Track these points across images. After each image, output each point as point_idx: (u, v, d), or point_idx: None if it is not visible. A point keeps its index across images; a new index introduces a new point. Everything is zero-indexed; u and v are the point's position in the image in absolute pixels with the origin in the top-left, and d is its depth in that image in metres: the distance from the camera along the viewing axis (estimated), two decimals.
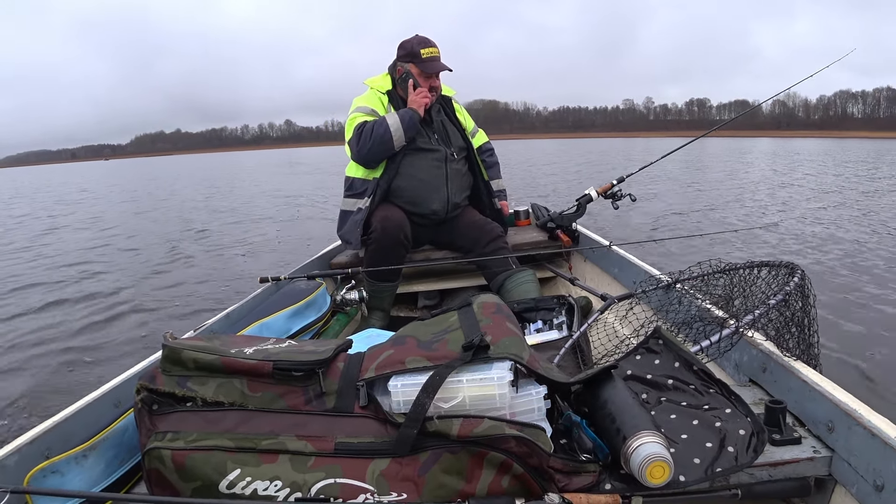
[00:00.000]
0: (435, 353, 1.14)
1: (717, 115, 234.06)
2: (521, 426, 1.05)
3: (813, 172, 19.13)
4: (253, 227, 10.44)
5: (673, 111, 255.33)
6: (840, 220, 8.54)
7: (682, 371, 1.40)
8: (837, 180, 15.87)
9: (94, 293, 5.93)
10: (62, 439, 1.27)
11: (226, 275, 6.52)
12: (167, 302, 5.50)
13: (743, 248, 6.62)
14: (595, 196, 3.11)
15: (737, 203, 10.96)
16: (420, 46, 2.79)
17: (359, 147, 2.69)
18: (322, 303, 2.45)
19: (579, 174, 20.33)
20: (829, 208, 9.93)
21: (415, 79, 2.78)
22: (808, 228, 7.86)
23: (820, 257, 6.15)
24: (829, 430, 1.20)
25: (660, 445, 1.01)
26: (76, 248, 8.99)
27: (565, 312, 2.24)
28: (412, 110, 2.71)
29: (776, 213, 9.57)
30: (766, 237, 7.23)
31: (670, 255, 6.03)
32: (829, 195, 12.10)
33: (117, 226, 11.61)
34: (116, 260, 7.86)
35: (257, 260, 7.33)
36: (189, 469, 1.06)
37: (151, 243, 9.16)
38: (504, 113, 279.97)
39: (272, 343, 1.29)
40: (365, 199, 2.75)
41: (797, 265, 1.66)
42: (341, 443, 1.07)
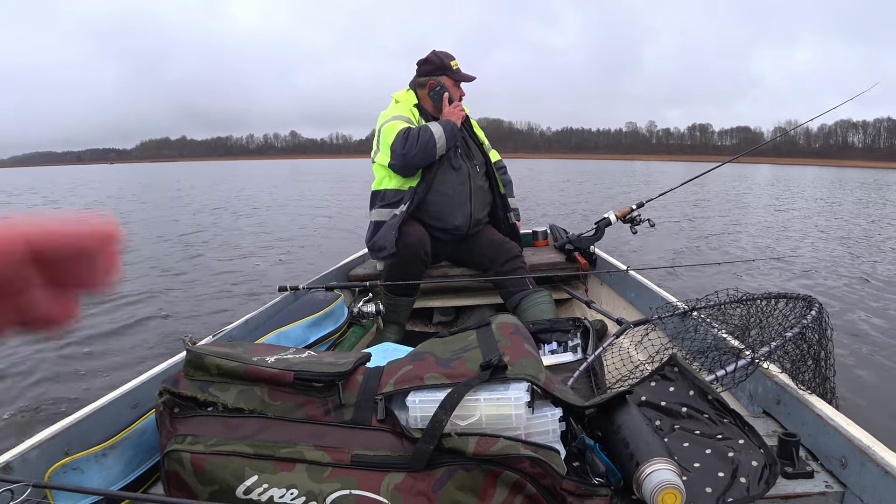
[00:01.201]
0: (453, 371, 1.16)
1: (719, 140, 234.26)
2: (536, 447, 1.06)
3: (826, 201, 19.03)
4: (271, 236, 10.51)
5: (675, 135, 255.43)
6: (859, 252, 8.48)
7: (697, 399, 1.41)
8: (854, 209, 15.79)
9: (113, 295, 5.99)
10: (82, 438, 1.29)
11: (243, 282, 6.56)
12: (186, 306, 5.55)
13: (759, 278, 6.58)
14: (614, 220, 3.12)
15: (747, 232, 10.89)
16: (448, 59, 2.87)
17: (404, 150, 2.67)
18: (340, 314, 2.47)
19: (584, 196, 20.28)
20: (848, 239, 9.86)
21: (449, 91, 2.83)
22: (827, 261, 7.80)
23: (838, 290, 6.10)
24: (842, 465, 1.20)
25: (672, 473, 1.01)
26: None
27: (580, 335, 2.25)
28: (452, 122, 2.75)
29: (793, 243, 9.51)
30: (783, 268, 7.18)
31: (687, 283, 6.01)
32: (848, 225, 12.02)
33: (137, 231, 11.70)
34: (133, 263, 7.93)
35: (276, 268, 7.37)
36: (207, 473, 1.08)
37: (170, 247, 9.24)
38: (508, 132, 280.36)
39: (292, 353, 1.32)
40: (401, 207, 2.75)
41: (815, 298, 1.66)
42: (358, 455, 1.08)
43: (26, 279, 0.36)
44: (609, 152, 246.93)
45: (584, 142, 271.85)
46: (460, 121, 2.79)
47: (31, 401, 3.38)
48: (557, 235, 3.48)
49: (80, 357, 4.11)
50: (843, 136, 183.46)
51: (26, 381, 3.68)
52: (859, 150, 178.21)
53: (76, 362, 4.00)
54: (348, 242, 2.98)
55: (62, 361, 4.01)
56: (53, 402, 3.35)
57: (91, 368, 3.88)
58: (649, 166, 76.83)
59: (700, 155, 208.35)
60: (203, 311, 5.37)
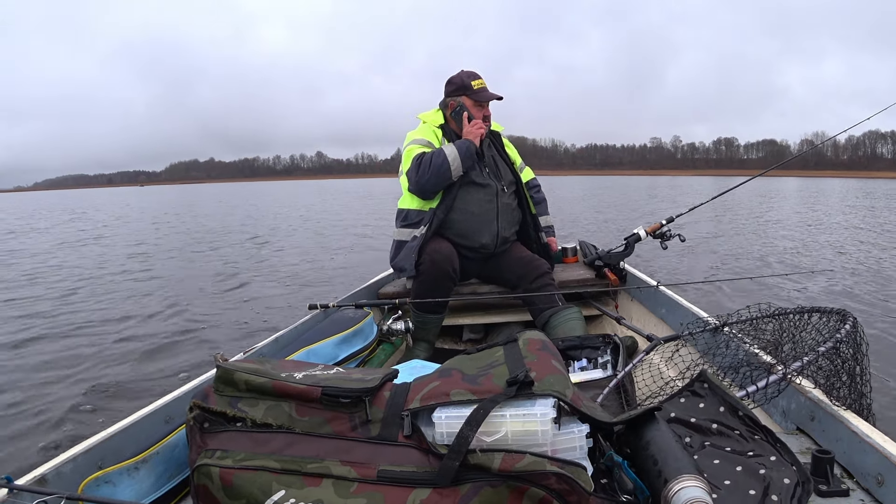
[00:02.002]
0: (479, 387, 1.16)
1: (745, 154, 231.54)
2: (563, 463, 1.05)
3: (858, 213, 18.70)
4: (302, 254, 10.61)
5: (700, 150, 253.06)
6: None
7: (728, 416, 1.39)
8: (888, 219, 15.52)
9: (148, 313, 6.10)
10: (114, 451, 1.32)
11: (276, 300, 6.64)
12: (218, 324, 5.62)
13: (793, 292, 6.47)
14: (644, 235, 3.10)
15: (779, 246, 10.73)
16: (470, 79, 2.87)
17: (417, 177, 2.72)
18: (369, 332, 2.48)
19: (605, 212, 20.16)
20: (885, 250, 9.66)
21: (468, 110, 2.83)
22: (863, 274, 7.65)
23: (874, 303, 5.97)
24: (879, 483, 1.17)
25: (702, 490, 1.00)
26: (132, 269, 9.26)
27: (610, 351, 2.23)
28: (468, 141, 2.75)
29: (827, 256, 9.34)
30: (817, 282, 7.05)
31: (719, 298, 5.93)
32: (882, 237, 11.78)
33: (172, 252, 11.88)
34: (169, 280, 8.07)
35: (307, 286, 7.44)
36: (236, 487, 1.09)
37: (205, 266, 9.38)
38: (532, 149, 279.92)
39: (320, 369, 1.33)
40: (421, 228, 2.78)
41: (849, 312, 1.63)
42: (384, 470, 1.09)
43: None
44: (633, 168, 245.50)
45: (609, 158, 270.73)
46: (478, 139, 2.78)
47: (68, 414, 3.45)
48: (587, 251, 3.46)
49: (118, 372, 4.18)
50: (871, 146, 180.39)
51: (67, 393, 3.76)
52: (888, 161, 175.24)
53: (114, 376, 4.07)
54: (380, 261, 3.01)
55: (100, 376, 4.08)
56: (90, 415, 3.41)
57: (126, 382, 3.95)
58: (674, 181, 76.45)
59: (726, 169, 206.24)
60: (236, 329, 5.43)
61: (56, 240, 15.11)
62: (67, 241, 14.66)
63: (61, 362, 4.44)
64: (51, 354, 4.69)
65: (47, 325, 5.69)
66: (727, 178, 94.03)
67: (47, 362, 4.46)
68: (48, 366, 4.37)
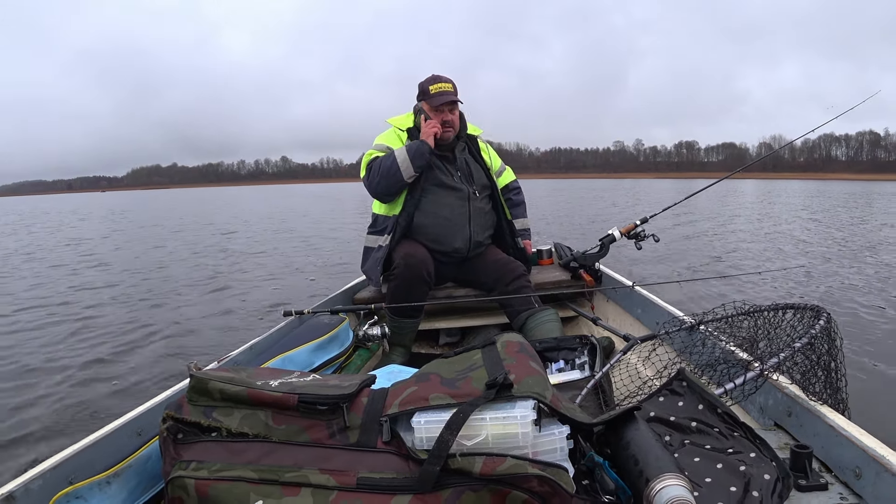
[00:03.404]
0: (458, 391, 1.15)
1: (706, 157, 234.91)
2: (544, 465, 1.04)
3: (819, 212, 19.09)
4: (275, 261, 10.53)
5: (662, 153, 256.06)
6: (863, 261, 8.46)
7: (706, 414, 1.39)
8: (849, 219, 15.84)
9: (117, 322, 6.00)
10: (85, 466, 1.28)
11: (249, 307, 6.57)
12: (191, 333, 5.55)
13: (766, 290, 6.56)
14: (618, 236, 3.11)
15: (748, 246, 10.90)
16: (429, 84, 2.83)
17: (369, 181, 2.77)
18: (345, 338, 2.46)
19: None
20: (848, 249, 9.84)
21: (426, 114, 2.83)
22: (834, 271, 7.77)
23: (847, 299, 6.07)
24: (857, 476, 1.18)
25: (683, 488, 1.00)
26: (95, 278, 9.12)
27: (587, 352, 2.23)
28: (420, 141, 2.74)
29: (796, 255, 9.49)
30: (790, 280, 7.15)
31: (693, 297, 5.99)
32: (845, 235, 12.01)
33: (139, 256, 11.73)
34: (136, 289, 7.95)
35: (281, 293, 7.38)
36: (212, 499, 1.07)
37: (174, 273, 9.27)
38: (497, 153, 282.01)
39: (297, 376, 1.31)
40: (385, 237, 2.78)
41: (823, 308, 1.65)
42: (364, 478, 1.07)
43: None
44: (598, 171, 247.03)
45: (573, 161, 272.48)
46: (431, 138, 2.75)
47: (36, 427, 3.38)
48: (562, 253, 3.47)
49: (85, 384, 4.11)
50: (826, 149, 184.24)
51: (33, 408, 3.68)
52: (842, 163, 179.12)
53: (81, 389, 4.00)
54: (355, 266, 2.98)
55: (68, 389, 4.00)
56: (58, 430, 3.34)
57: (94, 396, 3.88)
58: (637, 184, 77.50)
59: (687, 172, 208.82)
60: (208, 337, 5.37)
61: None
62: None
63: (21, 376, 4.35)
64: (10, 367, 4.59)
65: (8, 337, 5.57)
66: (689, 180, 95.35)
67: (8, 376, 4.36)
68: (10, 380, 4.27)
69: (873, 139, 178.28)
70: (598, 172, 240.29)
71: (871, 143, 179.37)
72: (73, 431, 3.28)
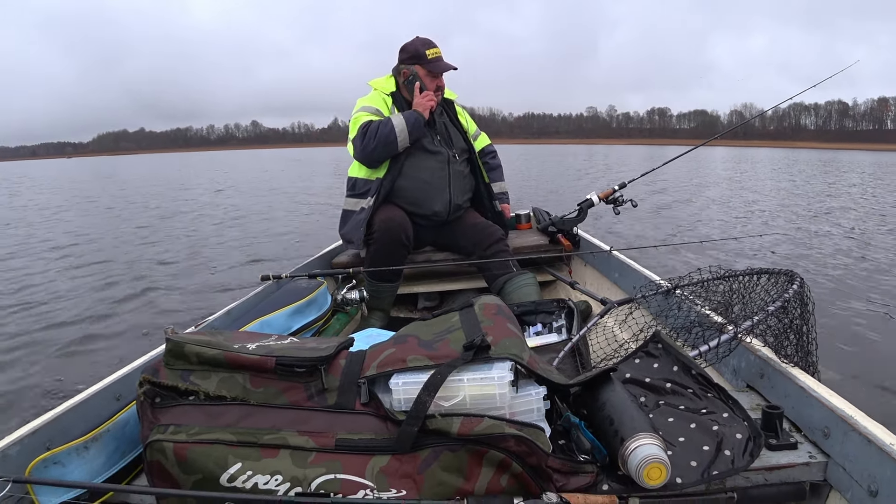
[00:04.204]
0: (436, 353, 1.15)
1: (678, 124, 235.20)
2: (521, 426, 1.05)
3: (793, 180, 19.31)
4: (253, 225, 10.45)
5: (635, 119, 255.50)
6: (838, 227, 8.58)
7: (681, 375, 1.41)
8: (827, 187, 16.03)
9: (93, 289, 5.94)
10: (63, 431, 1.27)
11: (226, 272, 6.53)
12: (167, 297, 5.52)
13: (743, 256, 6.63)
14: (597, 201, 3.11)
15: (724, 213, 11.00)
16: (425, 48, 2.80)
17: (363, 145, 2.69)
18: (323, 302, 2.45)
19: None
20: (826, 217, 9.97)
21: (421, 80, 2.79)
22: (807, 237, 7.87)
23: (820, 265, 6.16)
24: (825, 435, 1.21)
25: (657, 447, 1.01)
26: (71, 241, 9.00)
27: (565, 316, 2.25)
28: (417, 113, 2.71)
29: (773, 221, 9.59)
30: (766, 246, 7.23)
31: (670, 262, 6.05)
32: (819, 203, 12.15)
33: (118, 226, 11.57)
34: (113, 254, 7.86)
35: (258, 257, 7.34)
36: (190, 462, 1.07)
37: (151, 238, 9.18)
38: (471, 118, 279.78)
39: (274, 339, 1.31)
40: (368, 199, 2.75)
41: (796, 273, 1.67)
42: (342, 439, 1.08)
43: None
44: (571, 137, 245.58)
45: (546, 127, 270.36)
46: (427, 111, 2.74)
47: (12, 395, 3.35)
48: (540, 218, 3.47)
49: (64, 352, 4.08)
50: (796, 118, 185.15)
51: (4, 374, 3.66)
52: (811, 132, 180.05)
53: (59, 357, 3.97)
54: (333, 230, 2.95)
55: (46, 356, 3.98)
56: (35, 397, 3.32)
57: (74, 362, 3.86)
58: (611, 150, 77.65)
59: (659, 138, 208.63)
60: (186, 303, 5.34)
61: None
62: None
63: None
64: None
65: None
66: (661, 147, 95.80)
67: None
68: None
69: (842, 109, 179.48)
70: (571, 138, 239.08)
71: (840, 112, 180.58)
72: (49, 398, 3.26)
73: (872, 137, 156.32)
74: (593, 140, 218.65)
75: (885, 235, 8.14)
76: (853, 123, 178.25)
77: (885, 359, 3.63)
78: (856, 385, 3.18)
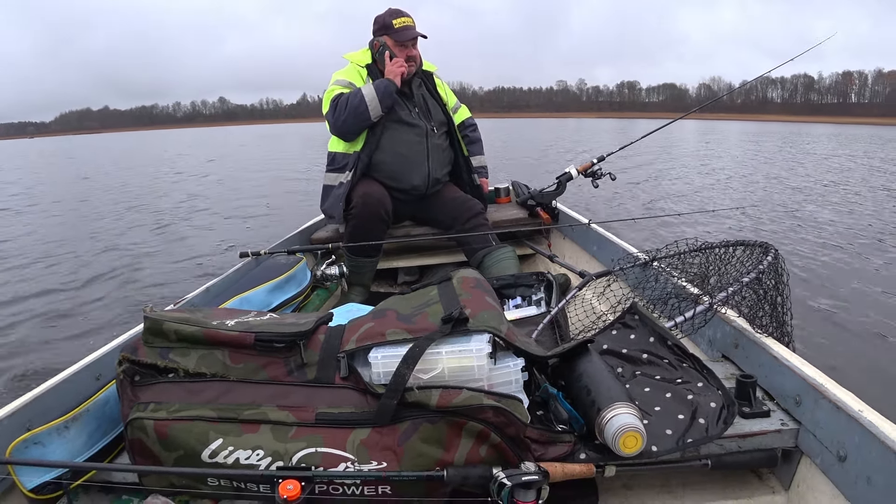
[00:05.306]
0: (415, 326, 1.16)
1: (647, 97, 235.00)
2: (499, 397, 1.07)
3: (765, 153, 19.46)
4: (232, 202, 10.37)
5: (605, 93, 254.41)
6: (812, 200, 8.67)
7: (657, 346, 1.43)
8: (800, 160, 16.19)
9: (72, 268, 5.89)
10: (43, 412, 1.27)
11: (205, 249, 6.49)
12: (146, 276, 5.48)
13: (719, 228, 6.70)
14: (575, 174, 3.12)
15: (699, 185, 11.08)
16: (391, 18, 2.77)
17: (335, 118, 2.67)
18: (302, 277, 2.45)
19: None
20: (799, 190, 10.08)
21: (390, 50, 2.77)
22: (784, 210, 7.96)
23: (795, 237, 6.24)
24: (797, 403, 1.23)
25: (633, 416, 1.03)
26: (47, 225, 8.89)
27: (544, 289, 2.26)
28: (388, 80, 2.69)
29: (748, 193, 9.68)
30: (740, 218, 7.30)
31: (648, 235, 6.09)
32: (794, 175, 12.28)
33: (94, 205, 11.41)
34: (92, 234, 7.77)
35: (238, 234, 7.29)
36: (171, 439, 1.08)
37: (129, 216, 9.08)
38: None
39: (253, 316, 1.31)
40: (346, 174, 2.74)
41: (771, 245, 1.68)
42: (322, 413, 1.09)
43: None
44: (541, 111, 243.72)
45: (517, 101, 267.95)
46: (398, 78, 2.71)
47: None
48: (519, 191, 3.47)
49: (44, 331, 4.04)
50: (763, 91, 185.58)
51: None
52: (778, 105, 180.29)
53: (38, 336, 3.94)
54: (313, 206, 2.93)
55: (24, 338, 3.94)
56: (14, 378, 3.30)
57: (54, 342, 3.83)
58: (582, 123, 77.63)
59: (629, 112, 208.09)
60: (165, 280, 5.30)
61: None
62: None
63: None
64: None
65: None
66: (632, 120, 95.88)
67: None
68: None
69: (807, 82, 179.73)
70: (541, 112, 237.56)
71: (806, 86, 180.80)
72: (28, 380, 3.24)
73: (837, 111, 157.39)
74: (564, 114, 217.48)
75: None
76: (818, 97, 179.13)
77: (858, 327, 3.70)
78: (827, 354, 3.24)
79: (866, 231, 6.68)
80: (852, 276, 4.88)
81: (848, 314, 3.95)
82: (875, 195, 9.53)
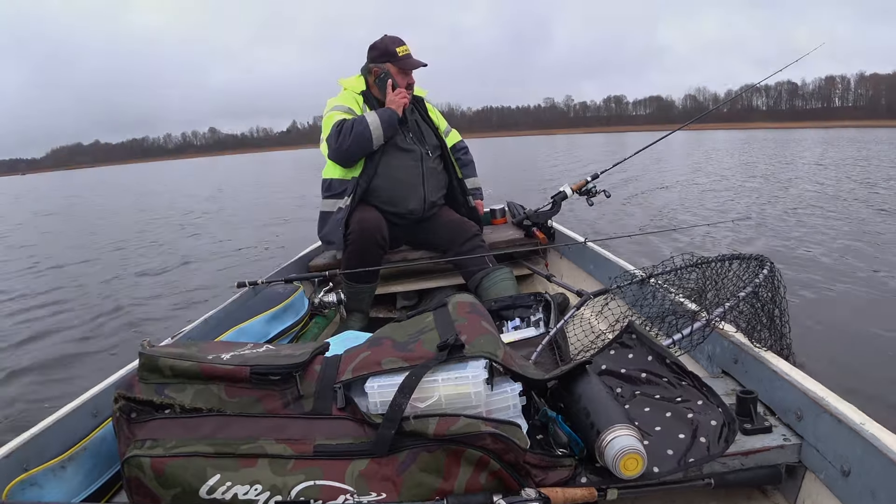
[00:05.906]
0: (411, 354, 1.16)
1: (634, 110, 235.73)
2: (497, 423, 1.06)
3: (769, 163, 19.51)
4: (226, 232, 10.37)
5: (592, 108, 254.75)
6: (806, 210, 8.68)
7: (656, 364, 1.42)
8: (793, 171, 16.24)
9: (69, 302, 5.87)
10: (40, 451, 1.26)
11: (203, 280, 6.48)
12: (144, 310, 5.46)
13: (716, 243, 6.70)
14: (570, 193, 3.12)
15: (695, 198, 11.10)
16: (394, 45, 2.80)
17: (338, 144, 2.66)
18: (300, 306, 2.44)
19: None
20: (793, 199, 10.09)
21: (393, 78, 2.78)
22: (778, 222, 7.96)
23: (791, 249, 6.23)
24: (799, 418, 1.22)
25: (633, 438, 1.03)
26: (42, 258, 8.89)
27: (542, 309, 2.26)
28: (391, 110, 2.71)
29: (745, 206, 9.68)
30: (738, 231, 7.29)
31: (645, 251, 6.08)
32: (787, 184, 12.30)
33: (97, 238, 11.41)
34: (88, 269, 7.77)
35: (236, 264, 7.28)
36: (169, 476, 1.07)
37: (126, 250, 9.08)
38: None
39: (249, 348, 1.30)
40: (345, 199, 2.74)
41: (766, 257, 1.68)
42: (320, 445, 1.08)
43: None
44: (530, 128, 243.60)
45: (505, 119, 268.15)
46: (401, 108, 2.74)
47: None
48: (515, 212, 3.48)
49: (41, 368, 4.02)
50: (748, 99, 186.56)
51: None
52: (764, 113, 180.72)
53: (36, 374, 3.92)
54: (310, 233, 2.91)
55: (22, 375, 3.92)
56: (11, 417, 3.27)
57: (52, 379, 3.81)
58: (571, 139, 78.04)
59: (616, 126, 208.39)
60: (162, 314, 5.28)
61: None
62: None
63: None
64: None
65: None
66: (620, 134, 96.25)
67: None
68: None
69: (791, 89, 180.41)
70: (530, 129, 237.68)
71: (790, 92, 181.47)
72: (25, 420, 3.21)
73: (821, 115, 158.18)
74: (553, 130, 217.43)
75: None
76: (802, 102, 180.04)
77: (858, 338, 3.68)
78: (828, 367, 3.21)
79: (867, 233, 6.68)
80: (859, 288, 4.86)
81: (848, 325, 3.93)
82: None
